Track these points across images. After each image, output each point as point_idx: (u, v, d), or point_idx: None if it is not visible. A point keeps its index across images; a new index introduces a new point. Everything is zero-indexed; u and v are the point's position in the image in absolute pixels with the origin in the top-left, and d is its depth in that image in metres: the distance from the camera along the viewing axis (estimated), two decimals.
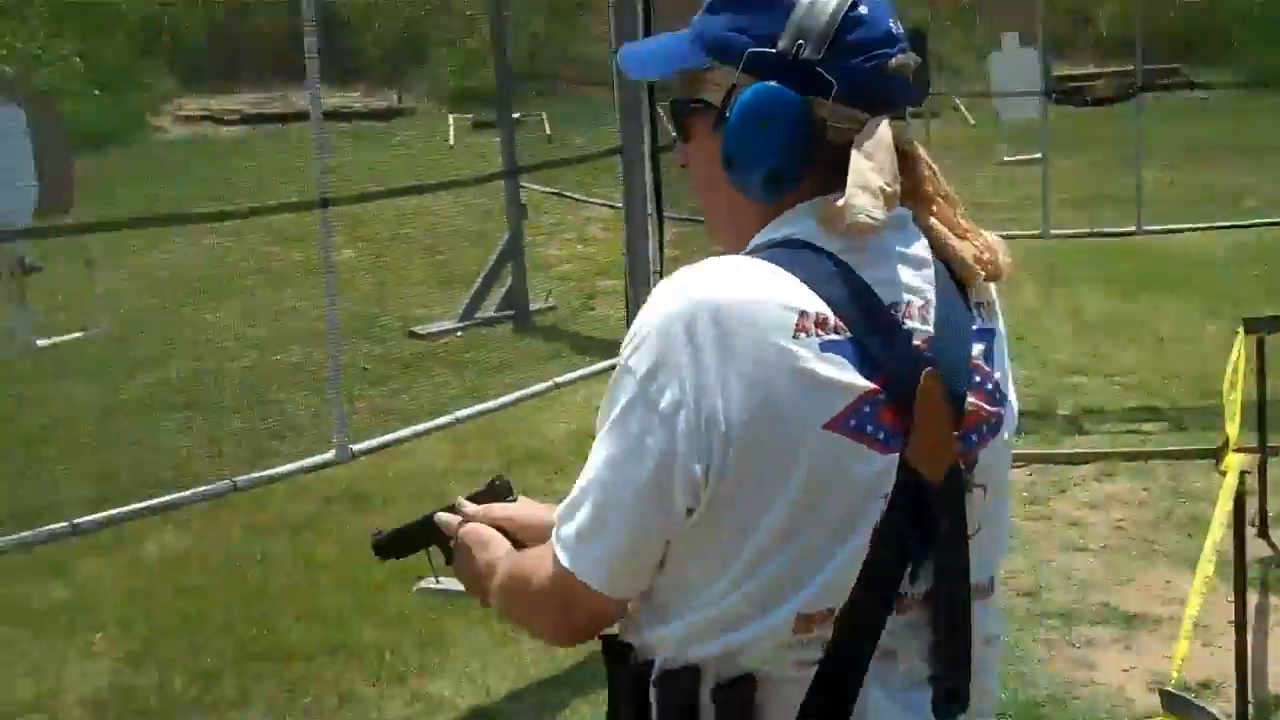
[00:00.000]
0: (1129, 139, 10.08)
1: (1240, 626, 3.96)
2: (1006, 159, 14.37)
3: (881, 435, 1.47)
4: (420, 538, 2.00)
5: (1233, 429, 4.61)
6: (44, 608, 5.23)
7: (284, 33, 17.88)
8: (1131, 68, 13.02)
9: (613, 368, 1.54)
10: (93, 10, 17.96)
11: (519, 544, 1.82)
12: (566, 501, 1.58)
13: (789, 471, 1.46)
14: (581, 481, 1.55)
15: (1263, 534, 5.39)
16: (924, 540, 1.52)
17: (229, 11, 20.24)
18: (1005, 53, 14.57)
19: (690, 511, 1.49)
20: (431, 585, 5.14)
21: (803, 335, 1.45)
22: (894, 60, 1.54)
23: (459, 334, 8.76)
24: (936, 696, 1.58)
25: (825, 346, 1.46)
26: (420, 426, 5.83)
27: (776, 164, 1.55)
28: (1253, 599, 4.89)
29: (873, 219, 1.49)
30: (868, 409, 1.47)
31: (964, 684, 1.59)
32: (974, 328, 1.58)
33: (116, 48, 17.94)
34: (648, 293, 1.79)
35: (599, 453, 1.53)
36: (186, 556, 5.60)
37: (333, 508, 6.10)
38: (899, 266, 1.54)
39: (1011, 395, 1.64)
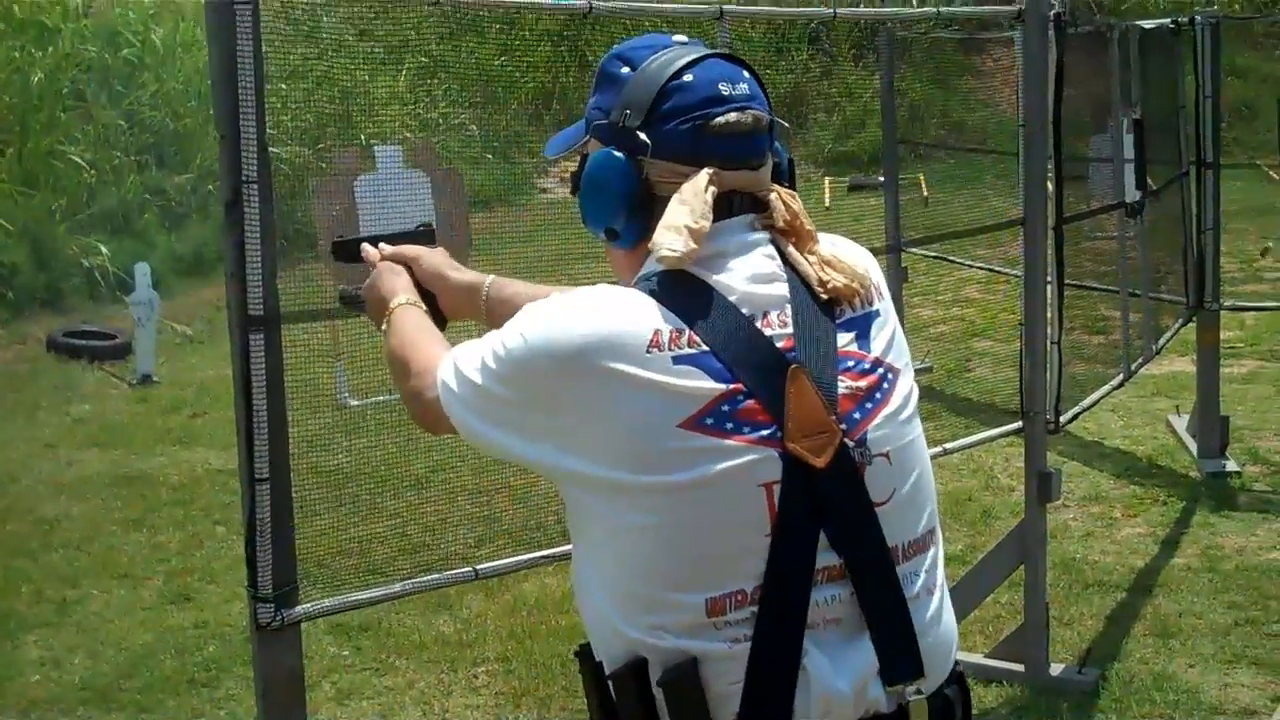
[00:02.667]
0: None
1: None
2: None
3: (746, 429, 1.67)
4: (355, 254, 2.33)
5: None
6: (432, 641, 5.46)
7: None
8: None
9: (1010, 434, 1.82)
10: (491, 81, 18.87)
11: (420, 287, 2.21)
12: (473, 350, 1.82)
13: (657, 471, 1.65)
14: (486, 354, 1.78)
15: None
16: (826, 518, 1.69)
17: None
18: None
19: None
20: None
21: (655, 351, 1.67)
22: (717, 120, 1.77)
23: None
24: (882, 658, 1.71)
25: (677, 360, 1.67)
26: None
27: (610, 216, 1.82)
28: None
29: (672, 250, 1.72)
30: (726, 408, 1.67)
31: (908, 643, 1.73)
32: (839, 320, 1.77)
33: (510, 116, 18.80)
34: (1045, 358, 1.86)
35: (502, 349, 1.76)
36: (565, 599, 5.74)
37: None
38: (753, 286, 1.76)
39: (900, 362, 1.82)
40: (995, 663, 4.81)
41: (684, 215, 1.74)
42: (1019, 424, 4.92)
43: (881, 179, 10.54)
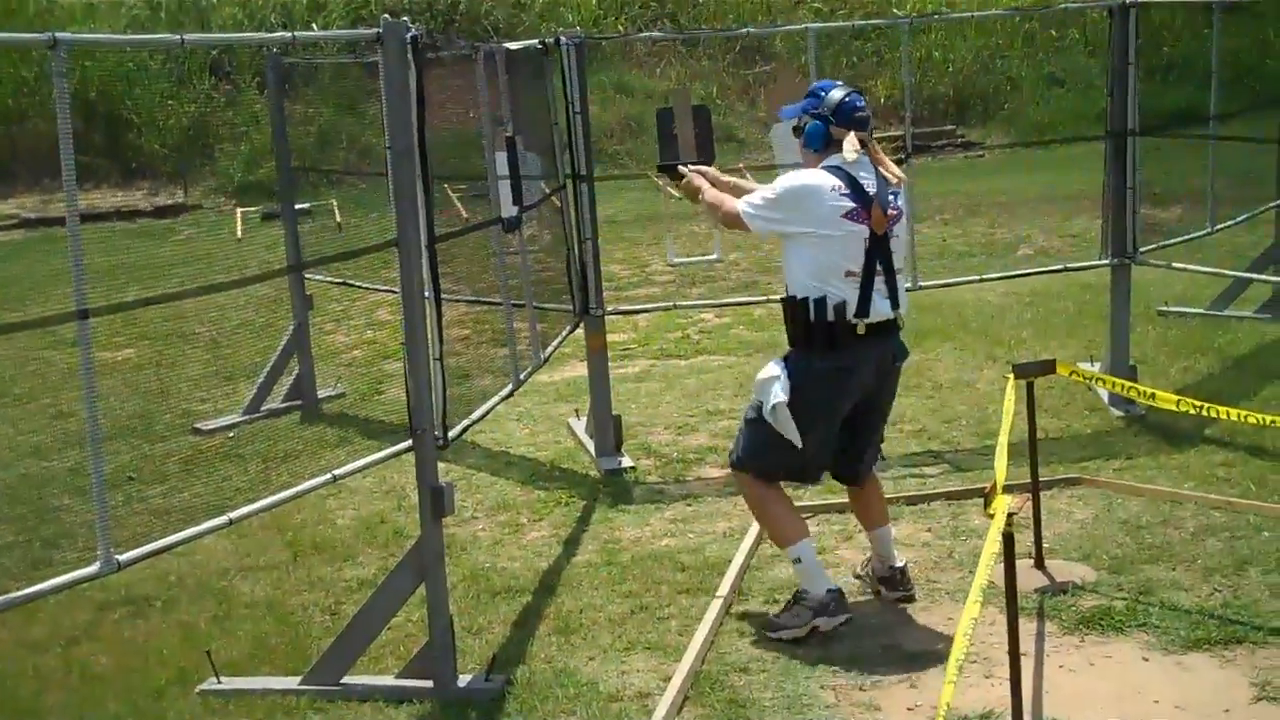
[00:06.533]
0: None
1: (1015, 656, 4.01)
2: None
3: (858, 220, 5.01)
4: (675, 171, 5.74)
5: (1000, 472, 4.68)
6: None
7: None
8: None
9: (401, 453, 4.26)
10: None
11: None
12: (753, 196, 5.32)
13: (830, 228, 5.01)
14: (768, 193, 5.21)
15: (1038, 565, 5.53)
16: (881, 253, 5.08)
17: (4, 117, 19.73)
18: (785, 125, 14.78)
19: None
20: None
21: (834, 190, 5.03)
22: (857, 114, 5.12)
23: (244, 427, 8.52)
24: (890, 300, 5.14)
25: (841, 196, 5.02)
26: (199, 527, 5.49)
27: (815, 143, 5.18)
28: (1032, 627, 5.03)
29: (848, 156, 5.05)
30: (854, 212, 5.01)
31: (897, 297, 5.16)
32: (891, 192, 5.12)
33: None
34: (429, 375, 4.29)
35: (773, 192, 5.22)
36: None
37: (109, 615, 5.84)
38: (863, 173, 5.09)
39: (906, 210, 5.37)
40: (405, 682, 4.84)
41: (849, 147, 5.02)
42: (409, 442, 4.98)
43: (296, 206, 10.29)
